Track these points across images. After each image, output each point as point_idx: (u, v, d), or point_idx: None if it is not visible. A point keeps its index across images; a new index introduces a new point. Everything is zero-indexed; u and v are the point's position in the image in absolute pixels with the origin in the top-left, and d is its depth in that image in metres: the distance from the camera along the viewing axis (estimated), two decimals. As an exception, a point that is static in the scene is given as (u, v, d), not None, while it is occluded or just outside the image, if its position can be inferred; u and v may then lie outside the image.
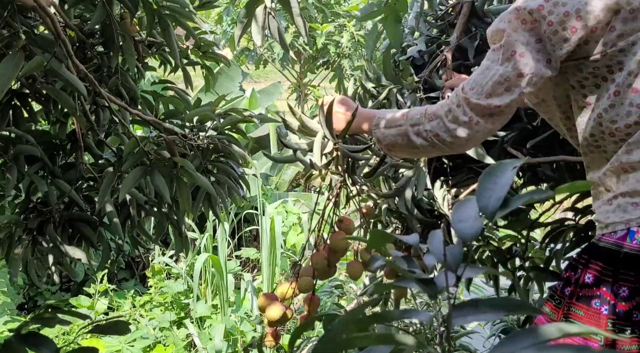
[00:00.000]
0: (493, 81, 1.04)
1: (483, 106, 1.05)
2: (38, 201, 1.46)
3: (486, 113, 1.06)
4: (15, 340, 0.62)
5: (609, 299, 0.98)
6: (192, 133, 1.52)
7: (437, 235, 0.52)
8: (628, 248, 0.97)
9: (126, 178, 1.32)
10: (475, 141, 1.13)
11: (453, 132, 1.09)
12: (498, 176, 0.49)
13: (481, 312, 0.44)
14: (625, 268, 0.98)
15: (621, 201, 1.01)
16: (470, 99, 1.06)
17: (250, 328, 3.85)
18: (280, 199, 5.02)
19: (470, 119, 1.07)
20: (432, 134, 1.12)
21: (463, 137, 1.09)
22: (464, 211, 0.49)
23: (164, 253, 4.73)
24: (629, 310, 0.96)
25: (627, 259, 0.97)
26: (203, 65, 1.75)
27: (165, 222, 1.54)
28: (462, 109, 1.08)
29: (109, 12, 1.36)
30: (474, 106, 1.06)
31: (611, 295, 0.98)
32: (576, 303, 1.03)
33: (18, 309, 4.39)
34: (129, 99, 1.54)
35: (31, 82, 1.39)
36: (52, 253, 1.41)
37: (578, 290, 1.04)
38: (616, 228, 1.00)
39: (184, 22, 1.49)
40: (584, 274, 1.03)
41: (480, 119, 1.07)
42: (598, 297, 1.00)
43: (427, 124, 1.13)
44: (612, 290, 0.98)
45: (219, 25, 8.06)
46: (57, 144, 1.49)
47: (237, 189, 1.54)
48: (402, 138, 1.17)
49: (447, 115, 1.10)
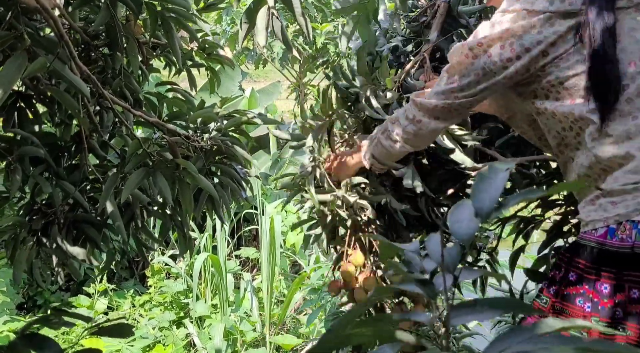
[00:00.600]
0: (436, 92, 1.24)
1: (426, 105, 1.24)
2: (42, 203, 1.47)
3: (430, 113, 1.25)
4: (19, 342, 0.62)
5: (591, 296, 1.01)
6: (195, 135, 1.53)
7: (434, 238, 0.54)
8: (609, 245, 1.01)
9: (129, 180, 1.32)
10: (423, 138, 1.31)
11: (405, 129, 1.30)
12: (492, 178, 0.50)
13: (480, 311, 0.44)
14: (606, 265, 1.01)
15: (603, 201, 1.05)
16: (416, 100, 1.27)
17: (250, 328, 3.86)
18: (279, 199, 5.02)
19: (414, 117, 1.27)
20: (392, 133, 1.33)
21: (410, 133, 1.29)
22: (460, 212, 0.50)
23: (163, 252, 4.73)
24: (611, 307, 0.99)
25: (608, 256, 1.01)
26: (208, 67, 1.75)
27: (169, 223, 1.55)
28: (411, 109, 1.29)
29: (113, 14, 1.36)
30: (420, 105, 1.25)
31: (594, 292, 1.01)
32: (562, 301, 1.07)
33: (17, 309, 4.39)
34: (133, 101, 1.55)
35: (35, 84, 1.39)
36: (56, 255, 1.41)
37: (562, 289, 1.07)
38: (596, 226, 1.04)
39: (187, 25, 1.50)
40: (568, 272, 1.07)
41: (423, 117, 1.26)
42: (581, 295, 1.03)
43: (391, 127, 1.34)
44: (594, 287, 1.01)
45: (219, 25, 8.06)
46: (62, 146, 1.49)
47: (239, 192, 1.54)
48: (377, 147, 1.39)
49: (403, 115, 1.31)
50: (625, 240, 0.99)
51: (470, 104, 1.21)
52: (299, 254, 4.73)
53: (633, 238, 0.97)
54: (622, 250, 0.99)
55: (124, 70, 1.51)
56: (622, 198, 1.01)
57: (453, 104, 1.21)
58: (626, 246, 0.98)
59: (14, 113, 1.36)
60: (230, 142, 1.54)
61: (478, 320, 0.46)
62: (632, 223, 0.99)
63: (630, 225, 0.99)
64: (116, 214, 1.44)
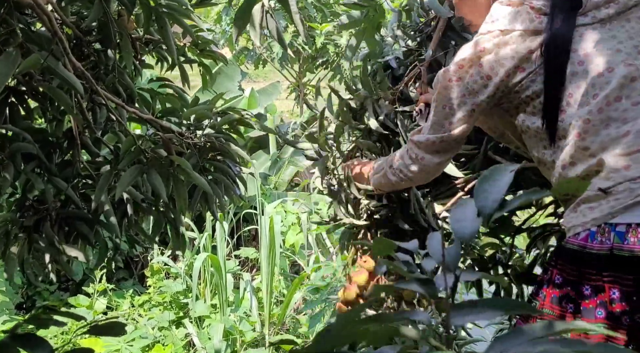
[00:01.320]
0: (429, 126, 1.29)
1: (424, 142, 1.28)
2: (34, 199, 1.46)
3: (430, 149, 1.29)
4: (10, 341, 0.62)
5: (575, 298, 1.05)
6: (189, 131, 1.52)
7: (435, 237, 0.54)
8: (589, 248, 1.04)
9: (123, 176, 1.31)
10: (428, 173, 1.35)
11: (409, 167, 1.34)
12: (496, 179, 0.50)
13: (480, 311, 0.44)
14: (588, 268, 1.04)
15: (582, 207, 1.09)
16: (414, 139, 1.31)
17: (249, 328, 3.85)
18: (279, 199, 5.01)
19: (416, 155, 1.31)
20: (398, 171, 1.37)
21: (416, 171, 1.34)
22: (462, 211, 0.50)
23: (162, 252, 4.72)
24: (592, 308, 1.02)
25: (589, 259, 1.04)
26: (200, 63, 1.74)
27: (162, 221, 1.54)
28: (412, 149, 1.33)
29: (106, 9, 1.35)
30: (418, 144, 1.30)
31: (576, 294, 1.05)
32: (549, 303, 1.10)
33: (16, 309, 4.39)
34: (126, 97, 1.54)
35: (28, 80, 1.38)
36: (48, 252, 1.41)
37: (550, 291, 1.10)
38: (576, 231, 1.08)
39: (181, 20, 1.49)
40: (554, 275, 1.11)
41: (425, 154, 1.30)
42: (566, 297, 1.07)
43: (395, 163, 1.38)
44: (577, 289, 1.05)
45: (218, 25, 8.06)
46: (54, 142, 1.49)
47: (233, 189, 1.53)
48: (384, 179, 1.43)
49: (406, 154, 1.35)
50: (604, 242, 1.02)
51: (463, 131, 1.25)
52: (298, 254, 4.73)
53: (612, 240, 1.01)
54: (601, 252, 1.02)
55: (117, 66, 1.50)
56: (598, 203, 1.05)
57: (448, 136, 1.26)
58: (605, 248, 1.02)
59: (5, 109, 1.36)
60: (224, 139, 1.53)
61: (478, 320, 0.46)
62: (610, 225, 1.02)
63: (609, 228, 1.02)
64: (110, 212, 1.43)
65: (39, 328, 0.71)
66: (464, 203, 0.51)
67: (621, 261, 0.99)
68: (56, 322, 0.68)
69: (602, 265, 1.02)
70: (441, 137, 1.27)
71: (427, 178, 1.39)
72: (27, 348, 0.62)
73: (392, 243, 0.57)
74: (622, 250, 0.99)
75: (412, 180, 1.38)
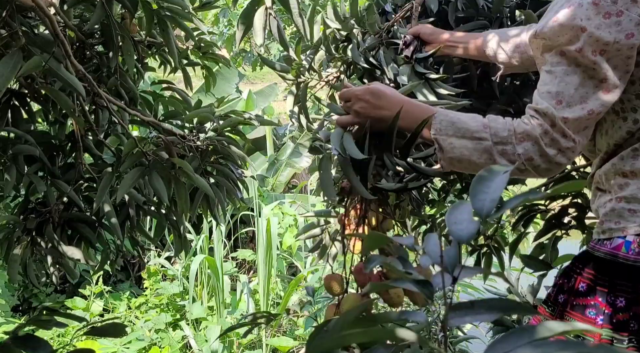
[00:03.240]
0: (583, 92, 0.93)
1: (580, 118, 0.93)
2: (37, 202, 1.46)
3: (581, 127, 0.95)
4: (11, 343, 0.62)
5: (604, 309, 0.96)
6: (191, 134, 1.52)
7: (432, 237, 0.53)
8: (623, 258, 0.95)
9: (125, 179, 1.31)
10: (563, 166, 0.99)
11: (552, 158, 0.95)
12: (491, 179, 0.50)
13: (477, 312, 0.44)
14: (621, 278, 0.96)
15: (617, 205, 0.99)
16: (567, 117, 0.93)
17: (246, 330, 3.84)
18: (276, 201, 5.02)
19: (575, 142, 0.95)
20: (524, 157, 0.95)
21: (564, 163, 0.97)
22: (459, 213, 0.49)
23: (159, 254, 4.71)
24: (626, 320, 0.95)
25: (622, 269, 0.96)
26: (203, 65, 1.74)
27: (164, 223, 1.54)
28: (562, 131, 0.94)
29: (109, 12, 1.35)
30: (573, 123, 0.93)
31: (607, 305, 0.96)
32: (570, 311, 1.02)
33: (12, 311, 4.37)
34: (128, 100, 1.54)
35: (30, 82, 1.38)
36: (51, 254, 1.40)
37: (572, 299, 1.03)
38: (613, 235, 0.98)
39: (183, 23, 1.49)
40: (578, 283, 1.02)
41: (577, 136, 0.95)
42: (593, 307, 0.99)
43: (518, 146, 0.95)
44: (607, 300, 0.96)
45: (216, 27, 8.04)
46: (56, 145, 1.49)
47: (235, 192, 1.54)
48: (480, 154, 0.96)
49: (543, 138, 0.94)
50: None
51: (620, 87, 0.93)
52: (295, 256, 4.73)
53: None
54: (638, 264, 0.94)
55: (120, 69, 1.50)
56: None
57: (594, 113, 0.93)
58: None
59: (7, 112, 1.36)
60: (226, 142, 1.53)
61: (476, 321, 0.46)
62: None
63: None
64: (112, 214, 1.43)
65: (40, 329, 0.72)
66: (461, 204, 0.50)
67: None
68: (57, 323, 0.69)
69: (637, 277, 0.94)
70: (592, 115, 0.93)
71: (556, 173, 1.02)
72: (29, 349, 0.62)
73: (385, 236, 0.57)
74: None
75: (537, 173, 0.98)
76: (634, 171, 0.99)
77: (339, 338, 0.41)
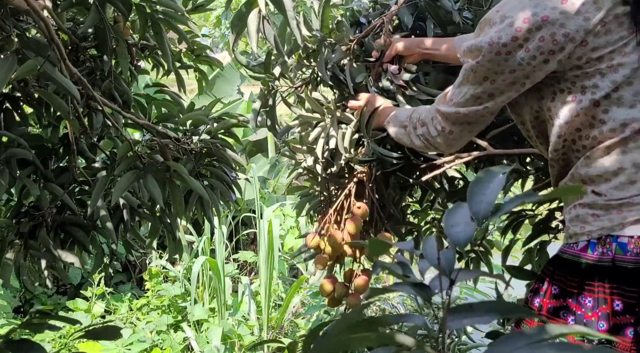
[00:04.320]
0: (465, 98, 1.15)
1: (454, 115, 1.17)
2: (30, 205, 1.46)
3: (459, 121, 1.18)
4: (4, 347, 0.62)
5: (575, 309, 1.02)
6: (185, 137, 1.52)
7: (430, 240, 0.53)
8: (585, 259, 1.01)
9: (119, 182, 1.31)
10: (456, 145, 1.26)
11: (435, 139, 1.25)
12: (488, 182, 0.50)
13: (476, 315, 0.44)
14: (589, 279, 1.01)
15: (580, 211, 1.04)
16: (441, 110, 1.20)
17: (248, 332, 3.84)
18: (277, 203, 5.01)
19: (443, 128, 1.21)
20: (423, 138, 1.29)
21: (442, 143, 1.25)
22: (456, 216, 0.49)
23: (161, 256, 4.72)
24: (595, 320, 0.99)
25: (589, 269, 1.01)
26: (196, 68, 1.74)
27: (158, 225, 1.54)
28: (437, 119, 1.22)
29: (102, 15, 1.35)
30: (447, 116, 1.19)
31: (577, 305, 1.01)
32: (546, 315, 1.06)
33: (14, 312, 4.38)
34: (122, 103, 1.54)
35: (23, 86, 1.38)
36: (44, 258, 1.40)
37: (546, 301, 1.07)
38: (578, 239, 1.04)
39: (177, 26, 1.49)
40: (551, 286, 1.07)
41: (452, 127, 1.19)
42: (565, 308, 1.04)
43: (420, 129, 1.29)
44: (577, 300, 1.01)
45: (218, 29, 8.07)
46: (50, 148, 1.49)
47: (229, 194, 1.53)
48: (406, 138, 1.34)
49: (431, 123, 1.25)
50: (605, 253, 0.99)
51: (501, 104, 1.14)
52: (296, 258, 4.72)
53: (613, 251, 0.98)
54: (602, 263, 0.99)
55: (113, 72, 1.50)
56: (605, 211, 1.01)
57: (483, 110, 1.14)
58: (605, 259, 0.99)
59: (0, 115, 1.36)
60: (220, 144, 1.53)
61: (474, 324, 0.46)
62: (612, 237, 0.99)
63: (611, 239, 0.99)
64: (106, 217, 1.43)
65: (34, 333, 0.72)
66: (458, 207, 0.50)
67: (624, 272, 0.97)
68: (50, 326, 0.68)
69: (603, 276, 0.99)
70: (478, 110, 1.14)
71: (455, 148, 1.28)
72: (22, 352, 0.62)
73: (387, 242, 0.57)
74: (625, 262, 0.97)
75: (434, 148, 1.30)
76: (591, 178, 1.04)
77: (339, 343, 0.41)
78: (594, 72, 1.02)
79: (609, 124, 1.02)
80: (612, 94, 1.01)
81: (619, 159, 1.01)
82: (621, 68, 1.00)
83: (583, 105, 1.03)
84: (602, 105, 1.02)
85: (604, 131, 1.02)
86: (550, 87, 1.08)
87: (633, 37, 1.00)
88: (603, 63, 1.01)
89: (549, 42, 1.01)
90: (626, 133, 1.00)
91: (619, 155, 1.01)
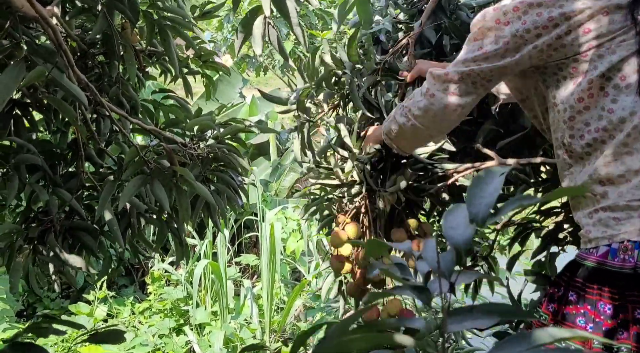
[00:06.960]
0: (456, 62, 1.18)
1: (442, 76, 1.18)
2: (39, 210, 1.47)
3: (445, 84, 1.18)
4: (9, 350, 0.62)
5: (593, 317, 0.99)
6: (192, 142, 1.53)
7: (429, 243, 0.53)
8: (610, 265, 0.98)
9: (126, 187, 1.32)
10: (435, 117, 1.22)
11: (417, 104, 1.23)
12: (487, 183, 0.49)
13: (476, 317, 0.44)
14: (608, 286, 0.99)
15: (602, 215, 1.01)
16: (432, 71, 1.21)
17: (250, 335, 3.85)
18: (279, 206, 5.02)
19: (427, 89, 1.21)
20: (406, 109, 1.27)
21: (421, 107, 1.23)
22: (455, 217, 0.49)
23: (163, 259, 4.72)
24: (614, 328, 0.97)
25: (609, 276, 0.98)
26: (203, 74, 1.76)
27: (165, 230, 1.55)
28: (427, 82, 1.23)
29: (110, 22, 1.37)
30: (436, 77, 1.20)
31: (595, 312, 0.99)
32: (562, 320, 1.04)
33: (17, 316, 4.38)
34: (130, 108, 1.55)
35: (32, 92, 1.39)
36: (52, 262, 1.41)
37: (563, 307, 1.05)
38: (599, 244, 1.01)
39: (184, 33, 1.50)
40: (567, 291, 1.05)
41: (437, 91, 1.19)
42: (582, 315, 1.01)
43: (407, 101, 1.29)
44: (596, 307, 0.99)
45: (220, 32, 8.09)
46: (58, 154, 1.50)
47: (235, 199, 1.54)
48: (393, 123, 1.32)
49: (419, 89, 1.26)
50: (627, 260, 0.96)
51: (490, 78, 1.14)
52: (299, 261, 4.73)
53: (635, 258, 0.95)
54: (624, 271, 0.96)
55: (121, 78, 1.51)
56: (627, 214, 0.98)
57: (472, 72, 1.13)
58: (627, 267, 0.96)
59: (10, 121, 1.37)
60: (227, 150, 1.54)
61: (474, 326, 0.45)
62: (634, 243, 0.96)
63: (632, 245, 0.96)
64: (113, 222, 1.44)
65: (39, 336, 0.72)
66: (456, 209, 0.49)
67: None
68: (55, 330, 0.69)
69: (625, 284, 0.97)
70: (466, 72, 1.14)
71: (428, 122, 1.24)
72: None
73: (385, 243, 0.57)
74: None
75: (415, 120, 1.25)
76: (611, 179, 1.01)
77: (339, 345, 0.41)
78: (594, 56, 1.02)
79: (618, 113, 1.00)
80: (617, 81, 1.00)
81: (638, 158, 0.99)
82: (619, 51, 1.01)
83: (583, 87, 1.04)
84: (611, 94, 1.01)
85: (613, 121, 1.01)
86: (554, 75, 1.10)
87: (632, 26, 1.01)
88: (602, 48, 1.02)
89: (545, 19, 1.04)
90: (635, 122, 0.99)
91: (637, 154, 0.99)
